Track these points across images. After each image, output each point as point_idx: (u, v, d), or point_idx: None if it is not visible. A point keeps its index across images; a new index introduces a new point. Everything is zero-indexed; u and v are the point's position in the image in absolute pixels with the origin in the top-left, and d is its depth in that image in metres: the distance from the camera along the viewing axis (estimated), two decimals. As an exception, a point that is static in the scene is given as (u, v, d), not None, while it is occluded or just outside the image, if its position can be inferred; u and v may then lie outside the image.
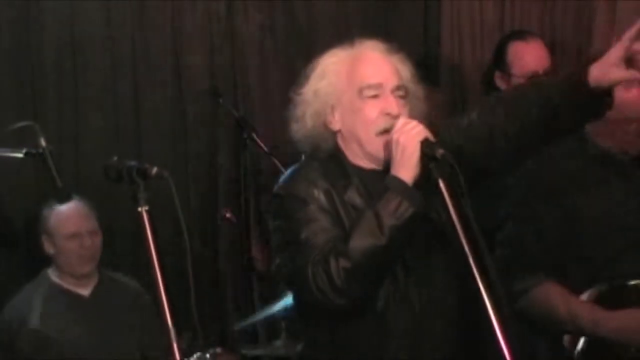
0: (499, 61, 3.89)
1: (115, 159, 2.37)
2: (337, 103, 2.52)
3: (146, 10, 4.46)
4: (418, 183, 2.38)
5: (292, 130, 2.57)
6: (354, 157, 2.53)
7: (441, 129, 2.53)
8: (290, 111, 2.57)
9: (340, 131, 2.54)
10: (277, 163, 4.23)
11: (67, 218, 3.77)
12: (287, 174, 2.58)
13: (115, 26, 4.41)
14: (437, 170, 2.33)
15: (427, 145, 2.36)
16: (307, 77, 2.57)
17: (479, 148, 2.48)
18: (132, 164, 2.33)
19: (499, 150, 2.49)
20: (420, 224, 2.40)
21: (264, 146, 4.38)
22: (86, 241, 3.75)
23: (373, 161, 2.51)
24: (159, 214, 2.33)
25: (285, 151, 4.24)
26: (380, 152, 2.48)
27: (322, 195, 2.45)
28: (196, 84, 4.54)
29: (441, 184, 2.31)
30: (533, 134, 2.47)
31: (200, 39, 4.55)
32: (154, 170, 2.31)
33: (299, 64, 3.00)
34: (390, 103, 2.46)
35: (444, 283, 2.49)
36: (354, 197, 2.47)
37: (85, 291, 3.79)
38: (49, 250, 3.79)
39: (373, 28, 4.47)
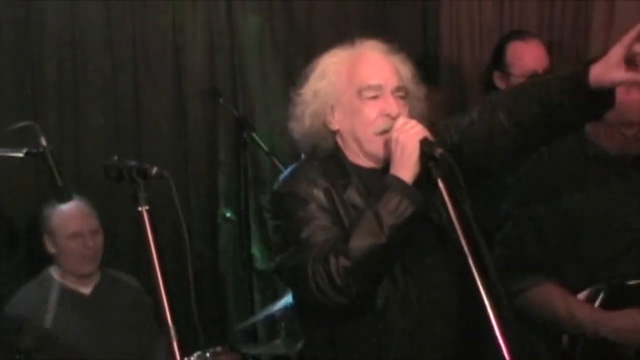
0: (498, 61, 3.89)
1: (116, 158, 2.38)
2: (337, 103, 2.51)
3: (146, 10, 4.45)
4: (418, 182, 2.38)
5: (292, 130, 2.57)
6: (354, 157, 2.53)
7: (441, 128, 2.53)
8: (290, 110, 2.57)
9: (339, 131, 2.54)
10: (277, 163, 4.24)
11: (69, 217, 3.77)
12: (287, 173, 2.58)
13: (115, 26, 4.40)
14: (436, 170, 2.33)
15: (426, 144, 2.36)
16: (307, 77, 2.56)
17: (479, 147, 2.48)
18: (133, 163, 2.34)
19: (499, 150, 2.49)
20: (420, 223, 2.40)
21: (264, 146, 4.38)
22: (88, 241, 3.75)
23: (372, 160, 2.51)
24: (159, 213, 2.34)
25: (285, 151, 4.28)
26: (380, 151, 2.47)
27: (322, 194, 2.45)
28: (196, 84, 4.53)
29: (440, 183, 2.32)
30: (533, 133, 2.47)
31: (200, 39, 4.54)
32: (154, 169, 2.32)
33: (299, 64, 3.01)
34: (390, 104, 2.46)
35: (444, 283, 2.48)
36: (354, 197, 2.47)
37: (86, 290, 3.79)
38: (50, 249, 3.79)
39: (372, 28, 4.46)
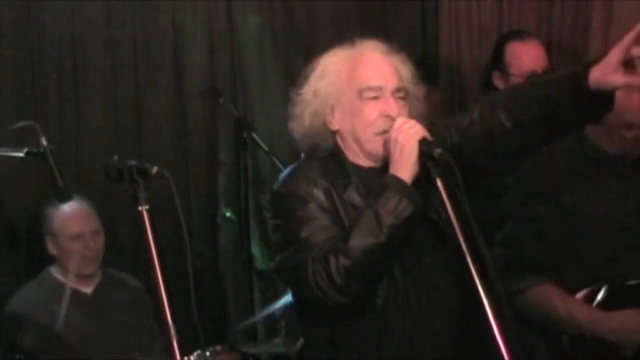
0: (497, 61, 3.89)
1: (116, 158, 2.38)
2: (337, 103, 2.51)
3: (146, 11, 4.45)
4: (417, 182, 2.39)
5: (291, 129, 2.57)
6: (353, 157, 2.53)
7: (441, 128, 2.53)
8: (290, 110, 2.57)
9: (339, 131, 2.53)
10: (277, 162, 4.24)
11: (71, 219, 3.76)
12: (287, 172, 2.58)
13: (115, 26, 4.40)
14: (435, 169, 2.33)
15: (425, 144, 2.36)
16: (307, 77, 2.56)
17: (479, 147, 2.49)
18: (133, 163, 2.34)
19: (499, 150, 2.49)
20: (419, 223, 2.40)
21: (264, 146, 4.39)
22: (89, 242, 3.74)
23: (372, 159, 2.51)
24: (159, 213, 2.34)
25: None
26: (379, 151, 2.47)
27: (322, 194, 2.45)
28: (196, 84, 4.54)
29: (439, 183, 2.32)
30: (533, 133, 2.47)
31: (200, 39, 4.55)
32: (154, 169, 2.32)
33: (299, 64, 3.01)
34: (390, 105, 2.46)
35: (444, 282, 2.48)
36: (354, 196, 2.47)
37: (87, 289, 3.79)
38: (52, 250, 3.78)
39: (372, 28, 4.47)
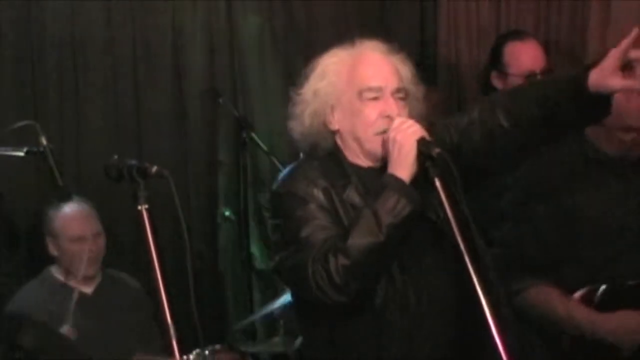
0: (495, 61, 3.88)
1: (116, 158, 2.38)
2: (337, 103, 2.51)
3: (146, 11, 4.45)
4: (415, 182, 2.39)
5: (291, 129, 2.57)
6: (353, 156, 2.53)
7: (440, 128, 2.54)
8: (290, 110, 2.57)
9: (339, 131, 2.53)
10: (277, 162, 4.24)
11: (72, 220, 3.75)
12: (286, 172, 2.58)
13: (115, 26, 4.40)
14: (434, 169, 2.33)
15: (424, 144, 2.36)
16: (307, 77, 2.56)
17: (479, 147, 2.49)
18: (133, 163, 2.34)
19: (498, 150, 2.49)
20: (417, 222, 2.40)
21: (263, 146, 4.39)
22: (91, 244, 3.73)
23: (372, 159, 2.51)
24: (159, 213, 2.34)
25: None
26: (379, 150, 2.47)
27: (321, 193, 2.44)
28: (196, 84, 4.54)
29: (437, 183, 2.32)
30: (532, 133, 2.47)
31: (200, 39, 4.55)
32: (154, 169, 2.33)
33: (299, 64, 3.01)
34: (390, 105, 2.46)
35: (442, 282, 2.48)
36: (353, 196, 2.47)
37: (88, 289, 3.78)
38: (53, 252, 3.78)
39: (371, 28, 4.47)
